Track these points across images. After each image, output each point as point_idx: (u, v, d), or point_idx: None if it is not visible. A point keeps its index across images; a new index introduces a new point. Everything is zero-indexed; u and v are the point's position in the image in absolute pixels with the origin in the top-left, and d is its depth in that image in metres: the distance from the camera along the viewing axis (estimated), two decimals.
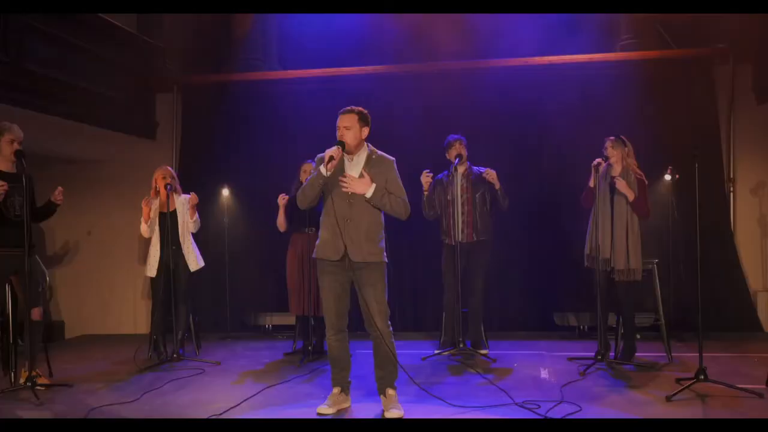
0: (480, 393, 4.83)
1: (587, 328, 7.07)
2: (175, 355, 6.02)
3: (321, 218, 4.38)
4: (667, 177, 6.75)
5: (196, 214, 6.24)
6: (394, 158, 4.41)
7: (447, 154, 6.25)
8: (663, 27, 7.65)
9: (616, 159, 5.59)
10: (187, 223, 6.23)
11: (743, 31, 7.26)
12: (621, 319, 5.74)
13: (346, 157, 4.30)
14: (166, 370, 5.76)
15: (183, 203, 6.28)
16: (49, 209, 5.41)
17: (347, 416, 4.32)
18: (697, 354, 5.93)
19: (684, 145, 7.13)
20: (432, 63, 7.78)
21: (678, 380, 4.85)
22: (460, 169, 6.23)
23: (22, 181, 4.97)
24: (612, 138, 5.65)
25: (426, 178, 6.06)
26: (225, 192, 7.58)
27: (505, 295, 7.44)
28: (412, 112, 7.54)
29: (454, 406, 4.43)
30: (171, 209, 6.18)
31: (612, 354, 5.77)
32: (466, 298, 6.25)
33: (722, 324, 7.03)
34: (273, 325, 7.57)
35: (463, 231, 6.14)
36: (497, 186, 6.04)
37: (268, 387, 5.09)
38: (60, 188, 5.36)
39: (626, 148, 5.59)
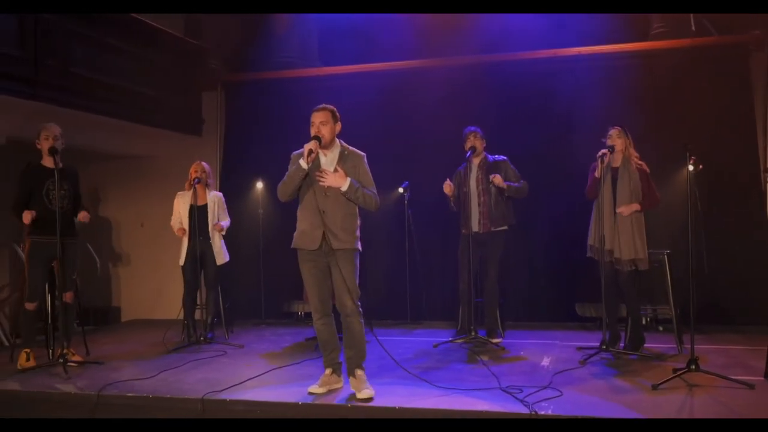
0: (472, 378, 4.99)
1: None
2: (202, 339, 6.43)
3: (298, 210, 4.63)
4: (690, 167, 6.64)
5: (223, 224, 6.66)
6: (364, 153, 4.67)
7: (465, 146, 6.39)
8: (697, 14, 7.50)
9: (620, 148, 5.61)
10: (218, 218, 6.63)
11: None
12: (627, 310, 5.75)
13: (321, 153, 4.53)
14: (191, 352, 6.17)
15: (214, 199, 6.68)
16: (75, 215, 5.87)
17: (334, 396, 4.55)
18: (711, 346, 5.96)
19: (717, 136, 7.04)
20: (462, 57, 7.89)
21: (674, 370, 4.84)
22: (476, 161, 6.37)
23: (62, 175, 5.45)
24: (618, 127, 5.67)
25: (448, 188, 6.22)
26: (260, 185, 7.96)
27: (529, 285, 7.54)
28: (443, 104, 7.67)
29: (439, 387, 4.63)
30: (201, 203, 6.59)
31: (622, 344, 5.79)
32: (483, 287, 6.41)
33: (753, 317, 6.88)
34: (305, 313, 7.89)
35: (479, 221, 6.28)
36: (504, 188, 6.13)
37: (276, 368, 5.40)
38: (87, 214, 5.81)
39: (628, 139, 5.61)
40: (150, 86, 7.76)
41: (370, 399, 4.37)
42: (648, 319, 6.87)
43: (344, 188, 4.44)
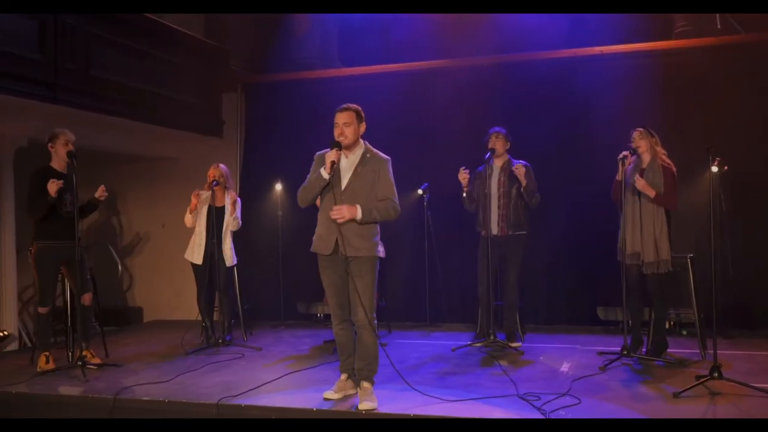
0: (490, 383, 4.92)
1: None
2: (221, 341, 6.43)
3: (318, 213, 4.57)
4: (714, 169, 6.50)
5: (237, 212, 6.62)
6: (389, 158, 4.53)
7: (489, 147, 6.32)
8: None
9: (644, 149, 5.50)
10: (229, 221, 6.62)
11: None
12: (651, 313, 5.66)
13: (342, 154, 4.43)
14: (209, 354, 6.17)
15: (230, 201, 6.67)
16: (91, 205, 5.89)
17: (349, 402, 4.50)
18: (737, 352, 5.84)
19: (742, 136, 6.88)
20: (482, 57, 7.82)
21: (697, 377, 4.73)
22: (498, 163, 6.29)
23: (73, 180, 5.48)
24: (640, 129, 5.57)
25: (463, 175, 6.14)
26: (279, 186, 7.96)
27: (550, 289, 7.46)
28: (462, 104, 7.63)
29: (454, 393, 4.57)
30: (219, 204, 6.61)
31: (645, 349, 5.69)
32: (502, 291, 6.35)
33: None
34: (324, 314, 7.86)
35: (497, 224, 6.21)
36: (523, 183, 6.06)
37: (291, 372, 5.38)
38: (102, 186, 5.82)
39: (654, 138, 5.51)
40: (170, 88, 7.80)
41: (370, 410, 4.27)
42: (671, 323, 6.74)
43: (358, 218, 4.31)
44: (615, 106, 7.03)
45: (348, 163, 4.46)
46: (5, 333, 6.51)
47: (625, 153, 5.50)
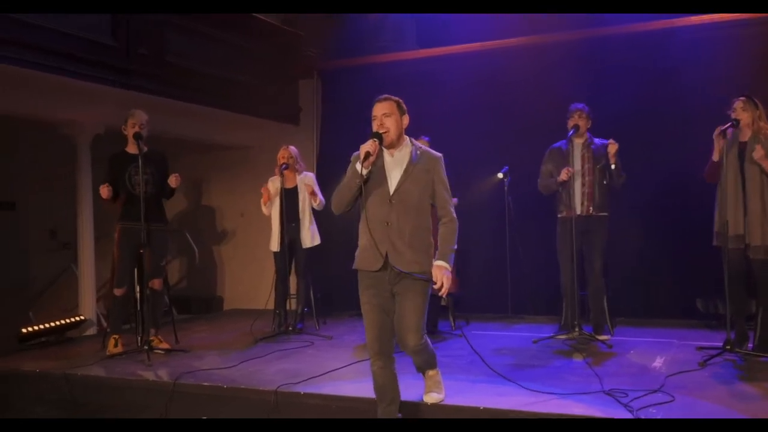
0: (572, 378, 4.50)
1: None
2: (291, 329, 6.25)
3: (360, 224, 3.82)
4: None
5: (319, 196, 6.44)
6: (441, 155, 3.88)
7: (568, 124, 5.88)
8: None
9: (747, 122, 4.91)
10: (308, 201, 6.45)
11: None
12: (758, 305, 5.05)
13: (386, 153, 3.78)
14: (279, 342, 6.00)
15: (303, 181, 6.51)
16: (168, 191, 5.76)
17: (413, 392, 4.16)
18: None
19: None
20: (568, 32, 7.30)
21: None
22: (579, 140, 5.84)
23: (146, 161, 5.43)
24: (743, 98, 4.98)
25: (566, 175, 5.63)
26: None
27: (643, 278, 6.86)
28: (546, 84, 7.11)
29: (531, 386, 4.18)
30: (289, 186, 6.45)
31: (750, 345, 5.10)
32: (587, 279, 5.87)
33: None
34: None
35: (581, 204, 5.75)
36: (612, 161, 5.59)
37: (358, 361, 5.12)
38: (176, 175, 5.66)
39: (758, 111, 4.90)
40: (246, 75, 7.73)
41: (437, 403, 3.93)
42: None
43: (449, 266, 3.74)
44: (717, 78, 6.40)
45: (395, 161, 3.78)
46: (81, 318, 6.56)
47: (724, 127, 4.92)
